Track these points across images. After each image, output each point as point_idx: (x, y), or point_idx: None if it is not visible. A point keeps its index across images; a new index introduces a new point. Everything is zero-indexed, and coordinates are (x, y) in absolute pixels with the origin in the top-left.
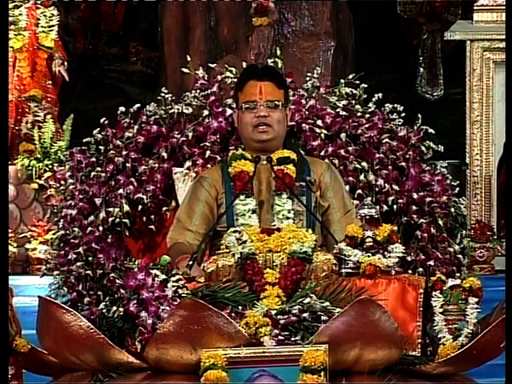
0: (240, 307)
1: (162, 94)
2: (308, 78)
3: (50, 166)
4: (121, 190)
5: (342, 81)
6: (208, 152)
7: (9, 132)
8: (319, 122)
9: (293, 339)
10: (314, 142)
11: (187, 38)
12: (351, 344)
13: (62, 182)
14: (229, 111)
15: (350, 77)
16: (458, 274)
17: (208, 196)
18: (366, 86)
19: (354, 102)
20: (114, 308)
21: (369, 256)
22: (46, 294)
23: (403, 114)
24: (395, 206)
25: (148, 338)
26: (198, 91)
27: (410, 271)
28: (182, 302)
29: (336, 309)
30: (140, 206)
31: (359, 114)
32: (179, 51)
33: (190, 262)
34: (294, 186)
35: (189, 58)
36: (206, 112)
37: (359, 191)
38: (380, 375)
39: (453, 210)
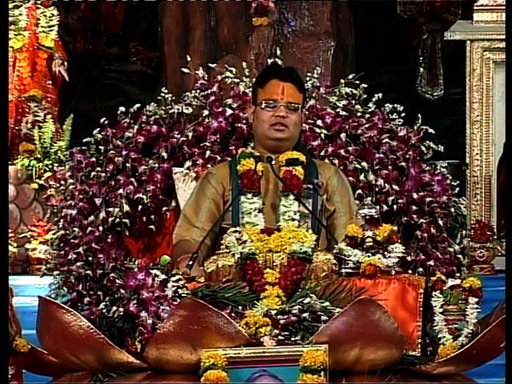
0: (240, 307)
1: (162, 94)
2: (308, 78)
3: (50, 166)
4: (121, 190)
5: (342, 81)
6: (208, 152)
7: (9, 132)
8: (319, 122)
9: (293, 339)
10: (314, 142)
11: (187, 38)
12: (351, 344)
13: (62, 182)
14: (229, 111)
15: (350, 77)
16: (458, 274)
17: (215, 193)
18: (366, 86)
19: (354, 102)
20: (114, 308)
21: (369, 256)
22: (46, 294)
23: (403, 114)
24: (395, 206)
25: (148, 338)
26: (198, 91)
27: (410, 271)
28: (182, 301)
29: (336, 309)
30: (140, 206)
31: (359, 114)
32: (179, 51)
33: (190, 262)
34: (302, 188)
35: (189, 58)
36: (206, 112)
37: (359, 191)
38: (380, 375)
39: (453, 210)
